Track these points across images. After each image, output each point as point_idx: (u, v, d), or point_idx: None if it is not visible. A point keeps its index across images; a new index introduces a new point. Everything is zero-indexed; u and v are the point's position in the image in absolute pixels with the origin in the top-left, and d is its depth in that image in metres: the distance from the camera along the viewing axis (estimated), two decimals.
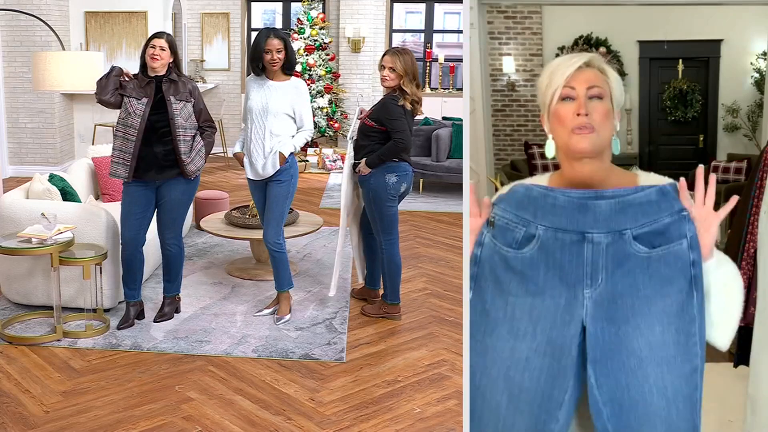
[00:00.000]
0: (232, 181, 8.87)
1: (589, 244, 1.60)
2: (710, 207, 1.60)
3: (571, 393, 1.60)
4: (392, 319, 4.45)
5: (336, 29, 10.61)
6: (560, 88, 1.65)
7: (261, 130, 4.18)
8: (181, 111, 4.04)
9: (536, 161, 6.52)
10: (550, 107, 1.68)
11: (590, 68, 1.67)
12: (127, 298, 4.29)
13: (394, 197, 4.29)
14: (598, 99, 1.64)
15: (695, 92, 7.19)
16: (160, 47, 3.99)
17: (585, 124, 1.62)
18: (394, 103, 4.17)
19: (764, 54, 6.73)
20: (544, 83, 1.70)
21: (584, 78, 1.65)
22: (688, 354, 1.57)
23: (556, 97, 1.65)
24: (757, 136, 6.76)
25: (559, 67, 1.67)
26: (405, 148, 4.20)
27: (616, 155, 1.71)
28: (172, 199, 4.16)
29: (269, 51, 4.09)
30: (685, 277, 1.58)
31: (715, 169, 6.34)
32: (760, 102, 6.64)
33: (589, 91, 1.64)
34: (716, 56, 6.97)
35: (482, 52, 4.84)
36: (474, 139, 4.50)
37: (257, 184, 4.31)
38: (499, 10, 6.57)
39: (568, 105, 1.64)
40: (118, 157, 4.06)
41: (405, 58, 4.15)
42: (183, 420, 3.27)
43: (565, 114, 1.64)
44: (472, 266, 1.69)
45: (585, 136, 1.62)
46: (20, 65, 8.53)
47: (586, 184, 1.67)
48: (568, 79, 1.65)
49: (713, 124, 7.18)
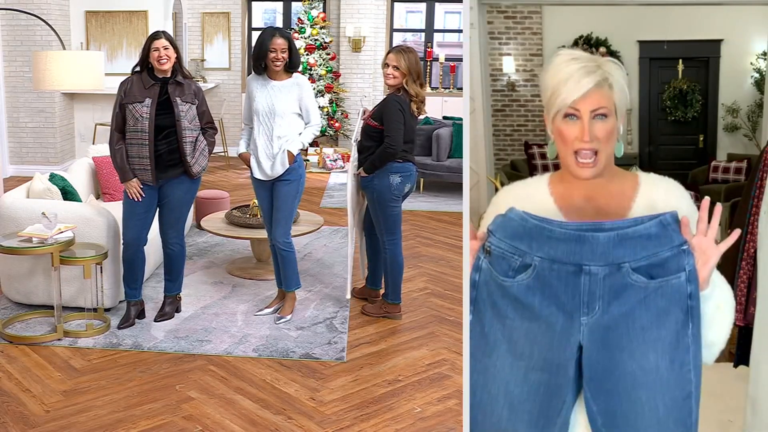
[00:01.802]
0: (233, 180, 8.87)
1: (586, 276, 1.58)
2: (712, 239, 1.56)
3: (568, 405, 1.61)
4: (393, 319, 4.45)
5: (336, 29, 10.61)
6: (564, 109, 1.61)
7: (268, 131, 4.17)
8: (186, 113, 4.04)
9: (536, 161, 6.52)
10: (554, 120, 1.64)
11: (597, 88, 1.60)
12: (127, 298, 4.29)
13: (398, 198, 4.28)
14: (602, 117, 1.61)
15: (695, 92, 7.19)
16: (164, 47, 3.98)
17: (588, 150, 1.60)
18: (395, 104, 4.16)
19: (764, 54, 6.73)
20: (548, 91, 1.64)
21: (590, 101, 1.59)
22: (682, 381, 1.57)
23: (560, 115, 1.62)
24: (757, 136, 6.76)
25: (567, 86, 1.60)
26: (393, 153, 4.16)
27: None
28: (174, 198, 4.16)
29: (274, 50, 4.06)
30: (681, 308, 1.56)
31: (715, 169, 6.34)
32: (760, 102, 6.64)
33: (594, 112, 1.60)
34: (716, 56, 6.97)
35: (482, 52, 4.85)
36: (474, 139, 4.50)
37: (263, 184, 4.28)
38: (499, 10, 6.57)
39: (572, 126, 1.61)
40: (138, 164, 4.04)
41: (409, 56, 4.14)
42: (183, 419, 3.28)
43: (568, 134, 1.61)
44: (471, 290, 1.69)
45: (587, 169, 1.61)
46: (21, 64, 8.53)
47: (587, 189, 1.66)
48: (574, 101, 1.60)
49: (713, 124, 7.18)
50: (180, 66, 4.09)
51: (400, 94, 4.17)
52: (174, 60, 4.02)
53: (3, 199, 4.47)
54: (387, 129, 4.15)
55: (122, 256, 4.27)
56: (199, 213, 6.22)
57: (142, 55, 4.05)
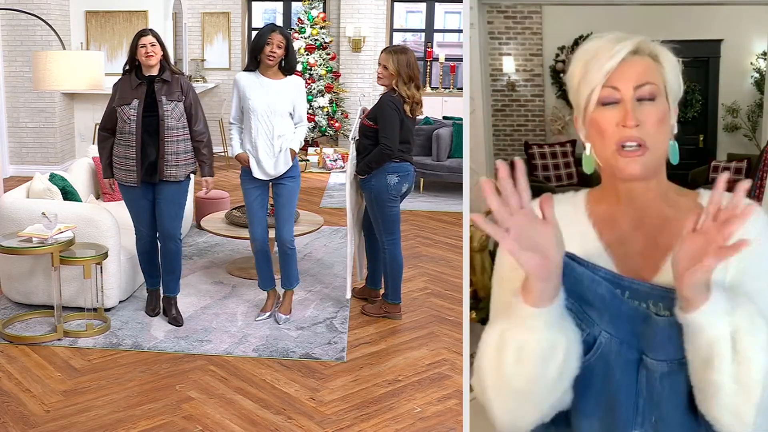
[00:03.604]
0: (233, 180, 8.86)
1: (644, 370, 1.24)
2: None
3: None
4: (393, 319, 4.45)
5: (336, 28, 10.61)
6: (599, 88, 1.24)
7: (269, 130, 4.15)
8: (172, 111, 4.03)
9: (536, 161, 6.52)
10: (586, 111, 1.27)
11: (639, 56, 1.25)
12: (150, 286, 4.46)
13: (396, 198, 4.27)
14: (649, 101, 1.24)
15: (695, 92, 7.18)
16: (150, 44, 3.99)
17: (634, 139, 1.22)
18: (389, 104, 4.14)
19: (764, 54, 6.73)
20: (576, 77, 1.28)
21: (632, 73, 1.23)
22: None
23: (593, 100, 1.25)
24: (757, 136, 6.75)
25: (597, 57, 1.24)
26: (390, 154, 4.15)
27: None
28: (166, 197, 4.16)
29: (270, 43, 4.04)
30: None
31: (716, 169, 6.34)
32: (760, 102, 6.63)
33: (638, 91, 1.23)
34: (716, 56, 6.96)
35: (482, 52, 4.85)
36: (474, 139, 4.49)
37: (259, 184, 4.26)
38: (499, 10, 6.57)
39: (611, 111, 1.24)
40: (123, 164, 4.06)
41: (399, 57, 4.11)
42: (183, 419, 3.28)
43: (607, 124, 1.24)
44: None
45: (634, 160, 1.22)
46: (21, 64, 8.53)
47: (635, 211, 1.30)
48: (609, 76, 1.23)
49: (713, 124, 7.17)
50: (167, 63, 4.09)
51: (396, 95, 4.16)
52: (161, 56, 4.03)
53: (3, 199, 4.47)
54: (382, 130, 4.14)
55: (137, 249, 4.39)
56: (199, 213, 6.22)
57: (130, 53, 4.07)
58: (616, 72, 1.23)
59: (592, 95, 1.24)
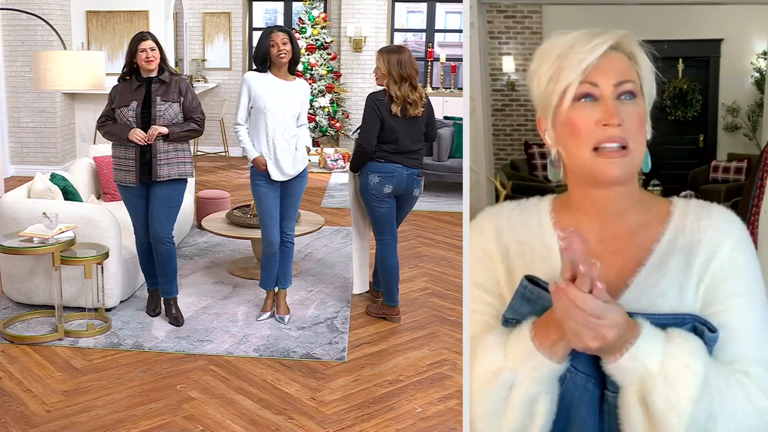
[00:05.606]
0: (234, 180, 8.87)
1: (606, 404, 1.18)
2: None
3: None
4: (390, 321, 4.44)
5: (337, 28, 10.61)
6: (576, 84, 1.13)
7: (287, 130, 4.15)
8: (165, 112, 4.05)
9: (536, 161, 6.52)
10: (557, 111, 1.17)
11: (617, 53, 1.16)
12: (150, 286, 4.45)
13: (379, 198, 4.24)
14: (630, 99, 1.14)
15: (695, 92, 7.19)
16: (150, 48, 4.01)
17: (617, 139, 1.12)
18: (369, 103, 4.16)
19: (764, 54, 6.74)
20: (545, 74, 1.18)
21: (612, 69, 1.13)
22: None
23: (569, 96, 1.14)
24: (757, 135, 6.76)
25: (573, 51, 1.14)
26: (364, 152, 4.17)
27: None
28: (158, 199, 4.16)
29: (275, 44, 4.06)
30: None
31: (716, 169, 6.34)
32: (760, 102, 6.64)
33: (619, 88, 1.14)
34: (716, 56, 6.97)
35: (482, 52, 4.85)
36: (474, 139, 4.50)
37: (276, 186, 4.21)
38: (499, 10, 6.57)
39: (588, 109, 1.14)
40: (123, 165, 4.10)
41: (390, 57, 4.11)
42: (184, 419, 3.28)
43: (583, 123, 1.13)
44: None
45: (615, 161, 1.12)
46: (22, 64, 8.54)
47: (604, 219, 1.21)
48: (588, 71, 1.13)
49: (713, 123, 7.18)
50: (165, 64, 4.11)
51: (385, 95, 4.16)
52: (159, 59, 4.05)
53: (4, 199, 4.48)
54: (361, 128, 4.21)
55: (137, 249, 4.41)
56: (200, 213, 6.22)
57: (128, 57, 4.07)
58: (595, 67, 1.13)
59: (567, 91, 1.14)
